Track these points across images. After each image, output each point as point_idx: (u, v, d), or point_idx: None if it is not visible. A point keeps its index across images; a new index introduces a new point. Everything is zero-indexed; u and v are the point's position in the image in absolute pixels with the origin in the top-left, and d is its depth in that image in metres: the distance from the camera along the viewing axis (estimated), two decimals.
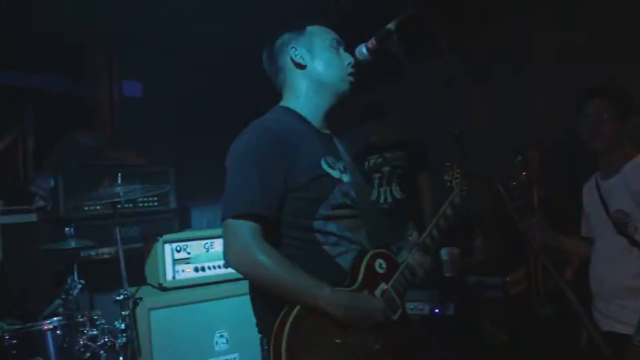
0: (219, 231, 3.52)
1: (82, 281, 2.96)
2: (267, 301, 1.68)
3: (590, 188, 2.66)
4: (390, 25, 1.79)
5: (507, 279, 3.16)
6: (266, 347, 1.67)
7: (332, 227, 1.75)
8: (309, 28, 1.95)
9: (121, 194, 3.02)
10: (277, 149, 1.71)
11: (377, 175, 4.24)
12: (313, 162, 1.77)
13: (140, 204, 3.91)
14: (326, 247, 1.74)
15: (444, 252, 3.35)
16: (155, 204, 4.01)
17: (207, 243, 3.44)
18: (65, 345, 2.64)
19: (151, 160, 4.16)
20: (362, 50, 1.85)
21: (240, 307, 3.36)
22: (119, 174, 3.09)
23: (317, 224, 1.74)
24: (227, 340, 3.32)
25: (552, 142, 4.02)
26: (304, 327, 1.60)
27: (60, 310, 2.91)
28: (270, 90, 2.03)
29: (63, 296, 2.74)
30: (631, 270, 2.40)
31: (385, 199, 4.19)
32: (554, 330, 3.10)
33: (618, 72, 3.89)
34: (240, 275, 3.25)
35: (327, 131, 1.95)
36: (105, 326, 2.83)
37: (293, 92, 1.92)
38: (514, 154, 3.29)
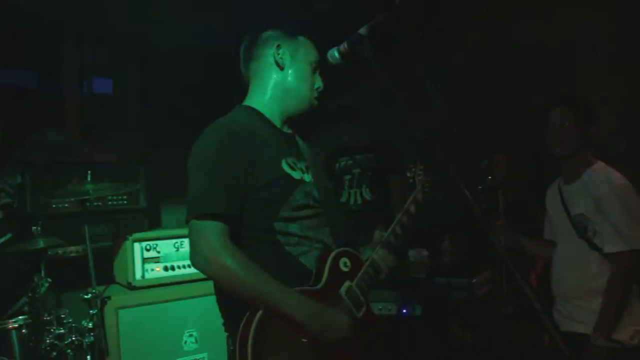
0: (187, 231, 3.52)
1: (49, 279, 2.92)
2: (233, 301, 1.68)
3: (553, 193, 2.75)
4: (362, 30, 1.82)
5: (474, 281, 3.23)
6: (232, 348, 1.68)
7: (293, 227, 1.77)
8: (301, 38, 1.96)
9: (90, 191, 2.99)
10: (237, 149, 1.71)
11: (348, 177, 4.28)
12: (273, 163, 1.77)
13: (110, 203, 3.86)
14: (288, 247, 1.75)
15: (412, 254, 3.40)
16: (125, 202, 3.98)
17: (177, 242, 3.43)
18: (31, 344, 2.61)
19: (121, 158, 4.13)
20: (333, 53, 1.88)
21: (209, 307, 3.32)
22: (89, 172, 3.05)
23: (278, 225, 1.75)
24: (196, 340, 3.32)
25: (521, 146, 4.12)
26: (270, 327, 1.61)
27: (26, 308, 2.86)
28: (241, 89, 2.03)
29: (30, 294, 2.70)
30: (590, 272, 2.48)
31: (356, 200, 4.24)
32: (518, 330, 3.17)
33: (581, 80, 4.02)
34: None
35: (289, 130, 1.96)
36: (73, 325, 2.79)
37: (261, 87, 1.92)
38: (481, 158, 3.37)
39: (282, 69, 1.90)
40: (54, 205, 3.60)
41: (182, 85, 4.45)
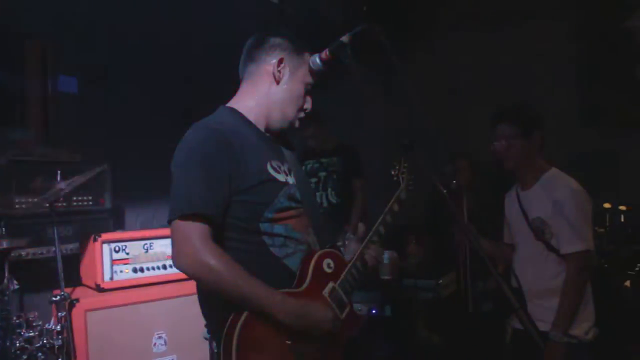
0: (158, 232, 3.51)
1: (16, 282, 2.85)
2: (217, 303, 1.69)
3: (511, 198, 2.88)
4: (344, 38, 1.87)
5: (440, 282, 3.33)
6: (216, 350, 1.69)
7: (278, 228, 1.78)
8: (307, 56, 1.94)
9: (59, 192, 2.94)
10: (222, 150, 1.71)
11: (314, 179, 4.33)
12: (259, 165, 1.78)
13: (75, 203, 3.80)
14: (273, 249, 1.77)
15: (385, 256, 3.47)
16: (90, 203, 3.91)
17: (146, 244, 3.40)
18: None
19: (86, 158, 4.05)
20: (315, 60, 1.92)
21: (179, 309, 3.35)
22: (59, 172, 3.00)
23: (263, 227, 1.75)
24: (165, 342, 3.30)
25: (483, 152, 4.26)
26: (255, 328, 1.63)
27: None
28: (208, 90, 2.03)
29: None
30: (548, 272, 2.61)
31: (322, 203, 4.29)
32: (481, 328, 3.28)
33: (535, 89, 4.19)
34: (179, 277, 3.27)
35: (269, 136, 1.96)
36: (45, 328, 2.74)
37: (251, 92, 1.92)
38: (446, 163, 3.47)
39: (277, 83, 1.90)
40: (17, 206, 3.52)
41: (147, 85, 4.41)
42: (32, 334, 2.68)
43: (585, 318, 2.57)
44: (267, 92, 1.91)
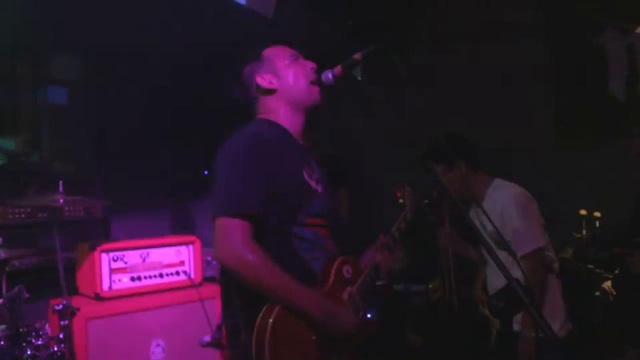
0: (155, 241, 3.56)
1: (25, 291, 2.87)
2: (247, 297, 1.80)
3: (474, 215, 3.01)
4: (357, 56, 2.00)
5: (430, 286, 3.46)
6: (244, 342, 1.79)
7: (308, 233, 1.91)
8: (265, 53, 2.09)
9: (53, 203, 2.97)
10: (265, 155, 1.85)
11: None
12: (296, 171, 1.93)
13: (67, 214, 3.82)
14: (302, 252, 1.90)
15: None
16: (82, 213, 3.94)
17: (143, 253, 3.44)
18: (8, 356, 2.56)
19: (77, 168, 4.08)
20: (327, 75, 2.04)
21: (176, 317, 3.40)
22: (61, 183, 3.04)
23: (296, 229, 1.89)
24: (163, 350, 3.34)
25: None
26: (286, 320, 1.76)
27: None
28: (199, 104, 2.15)
29: (8, 305, 2.65)
30: (518, 276, 2.76)
31: None
32: (466, 331, 3.42)
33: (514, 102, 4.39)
34: (176, 285, 3.34)
35: (302, 143, 2.10)
36: (53, 337, 2.76)
37: (273, 112, 2.05)
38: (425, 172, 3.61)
39: (276, 90, 2.03)
40: (10, 216, 3.53)
41: (138, 96, 4.45)
42: (40, 343, 2.70)
43: (557, 315, 2.73)
44: (279, 100, 2.04)
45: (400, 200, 2.27)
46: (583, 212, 3.80)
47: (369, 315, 3.40)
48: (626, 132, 3.71)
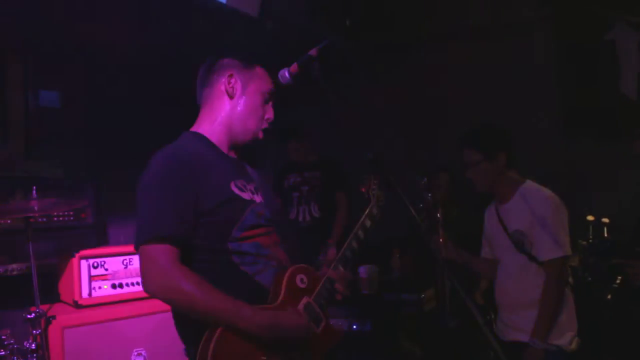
0: None
1: None
2: (190, 323, 1.69)
3: (490, 213, 2.91)
4: (312, 52, 1.89)
5: (422, 296, 3.31)
6: None
7: (246, 246, 1.78)
8: (258, 69, 2.00)
9: (35, 208, 2.91)
10: (184, 173, 1.73)
11: (296, 194, 4.32)
12: (222, 185, 1.80)
13: (56, 219, 3.77)
14: (244, 267, 1.77)
15: (363, 271, 3.45)
16: (72, 218, 3.89)
17: (125, 259, 3.37)
18: None
19: (68, 173, 4.03)
20: (284, 74, 1.93)
21: (159, 325, 3.31)
22: (34, 187, 2.97)
23: (232, 246, 1.76)
24: (144, 359, 3.26)
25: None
26: (229, 343, 1.62)
27: None
28: (190, 106, 2.05)
29: None
30: (530, 283, 2.64)
31: (304, 217, 4.28)
32: (463, 342, 3.26)
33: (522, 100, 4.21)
34: None
35: (234, 157, 1.98)
36: (15, 346, 2.69)
37: (210, 114, 1.95)
38: (419, 176, 3.46)
39: (232, 98, 1.94)
40: None
41: (130, 100, 4.40)
42: (3, 354, 2.63)
43: (569, 328, 2.60)
44: (225, 109, 1.95)
45: (366, 196, 2.12)
46: (590, 217, 3.61)
47: (354, 327, 3.30)
48: (638, 133, 3.50)
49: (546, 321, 2.53)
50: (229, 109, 1.94)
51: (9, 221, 3.54)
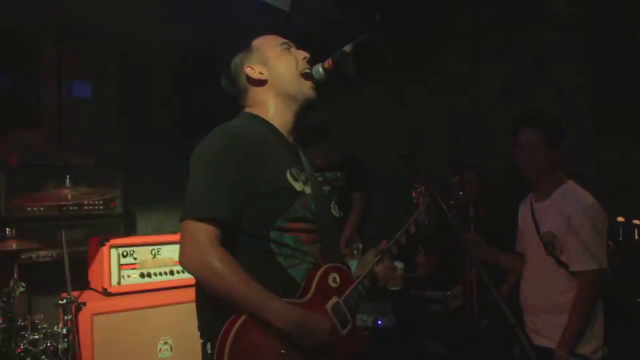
0: (166, 237, 3.53)
1: (23, 284, 2.88)
2: (214, 306, 1.69)
3: (525, 208, 2.83)
4: (347, 48, 1.88)
5: (448, 294, 3.30)
6: (209, 352, 1.68)
7: (287, 239, 1.77)
8: (255, 42, 1.97)
9: (69, 197, 2.97)
10: (244, 155, 1.72)
11: None
12: (278, 172, 1.78)
13: (86, 207, 3.83)
14: (280, 258, 1.76)
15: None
16: (101, 207, 3.95)
17: (154, 249, 3.42)
18: (4, 349, 2.57)
19: (99, 163, 4.10)
20: (318, 69, 1.92)
21: (185, 314, 3.34)
22: (67, 177, 3.03)
23: (273, 234, 1.75)
24: (170, 348, 3.31)
25: (493, 163, 4.22)
26: (251, 332, 1.62)
27: None
28: (221, 98, 2.06)
29: (4, 299, 2.66)
30: (556, 288, 2.57)
31: None
32: (489, 342, 3.24)
33: (553, 100, 4.14)
34: (186, 283, 3.28)
35: (293, 142, 1.96)
36: (48, 330, 2.75)
37: (262, 105, 1.93)
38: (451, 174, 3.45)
39: (266, 81, 1.92)
40: (28, 209, 3.56)
41: (161, 92, 4.45)
42: (36, 337, 2.70)
43: (594, 336, 2.51)
44: (269, 92, 1.92)
45: (415, 201, 2.11)
46: (620, 219, 3.55)
47: (379, 322, 3.30)
48: None
49: (574, 333, 2.45)
50: (273, 90, 1.92)
51: (41, 208, 3.61)
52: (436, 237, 4.00)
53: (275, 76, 1.91)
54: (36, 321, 2.79)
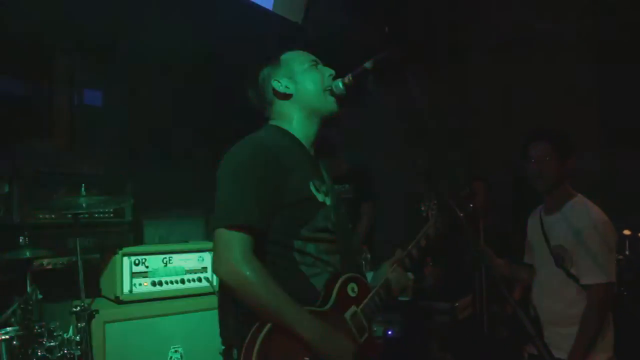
0: (177, 246, 3.56)
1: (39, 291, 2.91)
2: (241, 313, 1.74)
3: (534, 221, 2.87)
4: (368, 64, 1.92)
5: (457, 304, 3.32)
6: (236, 358, 1.72)
7: (310, 248, 1.83)
8: (284, 57, 2.02)
9: (84, 205, 3.00)
10: (271, 165, 1.78)
11: None
12: (303, 183, 1.84)
13: (96, 215, 3.86)
14: (303, 267, 1.81)
15: None
16: (111, 215, 3.97)
17: (165, 257, 3.45)
18: (20, 356, 2.59)
19: (109, 171, 4.12)
20: (338, 84, 1.96)
21: (195, 323, 3.39)
22: (83, 185, 3.06)
23: (297, 244, 1.80)
24: (181, 356, 3.33)
25: (499, 174, 4.26)
26: (275, 342, 1.66)
27: (12, 320, 2.84)
28: (230, 108, 2.10)
29: (22, 305, 2.69)
30: (566, 300, 2.60)
31: None
32: (496, 353, 3.26)
33: (560, 113, 4.19)
34: (196, 291, 3.32)
35: (313, 154, 2.02)
36: (66, 337, 2.78)
37: (286, 119, 1.99)
38: (462, 185, 3.49)
39: (291, 96, 1.97)
40: (40, 216, 3.58)
41: (170, 102, 4.49)
42: (52, 344, 2.72)
43: (603, 348, 2.54)
44: (293, 106, 1.98)
45: (424, 215, 2.15)
46: (627, 232, 3.58)
47: (389, 333, 3.32)
48: None
49: (584, 346, 2.49)
50: (298, 104, 1.97)
51: (52, 216, 3.63)
52: (443, 248, 4.04)
53: (301, 91, 1.97)
54: (51, 328, 2.81)
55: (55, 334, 2.78)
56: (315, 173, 1.95)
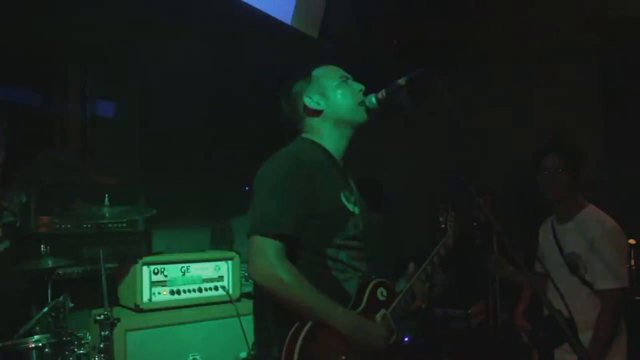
0: (195, 255, 3.62)
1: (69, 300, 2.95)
2: (279, 313, 1.84)
3: (546, 231, 2.96)
4: (401, 81, 2.00)
5: (470, 311, 3.40)
6: (276, 355, 1.81)
7: (342, 255, 1.94)
8: (315, 73, 2.12)
9: (107, 215, 3.05)
10: (306, 177, 1.89)
11: None
12: (335, 194, 1.96)
13: (110, 225, 3.89)
14: (335, 273, 1.93)
15: None
16: (124, 225, 4.01)
17: (183, 267, 3.50)
18: None
19: (123, 181, 4.16)
20: (371, 100, 2.06)
21: (212, 331, 3.44)
22: (107, 195, 3.12)
23: (330, 251, 1.92)
24: None
25: (504, 185, 4.35)
26: (315, 339, 1.77)
27: (37, 328, 2.89)
28: (243, 123, 2.18)
29: (52, 314, 2.73)
30: (581, 305, 2.70)
31: None
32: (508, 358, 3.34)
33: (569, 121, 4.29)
34: (213, 300, 3.39)
35: (343, 166, 2.12)
36: (97, 345, 2.82)
37: (317, 133, 2.09)
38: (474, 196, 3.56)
39: (322, 111, 2.07)
40: (57, 226, 3.63)
41: (183, 113, 4.54)
42: (82, 351, 2.76)
43: (617, 352, 2.64)
44: (325, 121, 2.08)
45: (442, 225, 2.24)
46: (632, 241, 3.68)
47: (406, 339, 3.39)
48: None
49: (599, 350, 2.58)
50: (329, 119, 2.07)
51: (68, 226, 3.67)
52: (453, 256, 4.12)
53: (332, 107, 2.06)
54: (79, 335, 2.85)
55: (83, 341, 2.82)
56: (345, 184, 2.06)
